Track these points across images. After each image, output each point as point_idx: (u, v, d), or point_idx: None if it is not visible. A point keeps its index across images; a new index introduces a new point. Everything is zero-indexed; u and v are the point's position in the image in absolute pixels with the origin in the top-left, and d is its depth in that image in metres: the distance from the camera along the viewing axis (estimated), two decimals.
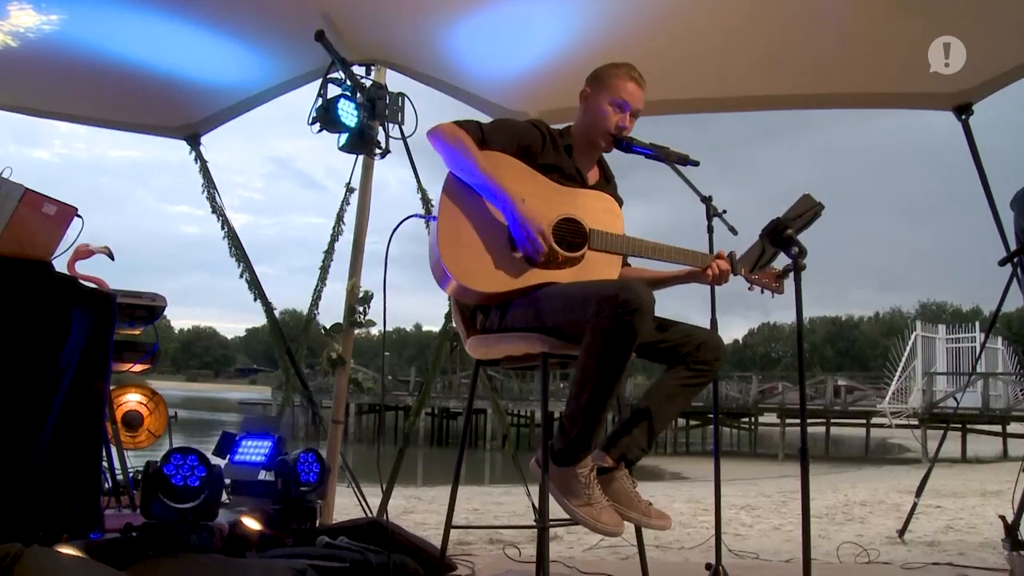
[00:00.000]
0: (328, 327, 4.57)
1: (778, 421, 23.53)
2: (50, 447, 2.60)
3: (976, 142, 4.02)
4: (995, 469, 14.13)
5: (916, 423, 19.38)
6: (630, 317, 2.08)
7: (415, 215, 2.57)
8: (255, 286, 4.82)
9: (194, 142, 4.68)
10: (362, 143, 4.49)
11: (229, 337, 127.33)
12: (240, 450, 4.11)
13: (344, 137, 4.39)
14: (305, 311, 5.08)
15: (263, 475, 4.01)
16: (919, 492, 5.03)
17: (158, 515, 2.61)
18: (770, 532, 5.63)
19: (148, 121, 4.60)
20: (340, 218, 5.36)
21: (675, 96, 4.02)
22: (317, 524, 3.72)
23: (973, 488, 9.52)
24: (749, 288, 2.50)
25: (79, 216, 3.79)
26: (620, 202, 2.71)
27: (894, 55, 3.72)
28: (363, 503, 5.09)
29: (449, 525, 2.78)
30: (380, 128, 4.62)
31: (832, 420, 22.66)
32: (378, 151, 4.63)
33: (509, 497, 8.69)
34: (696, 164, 2.49)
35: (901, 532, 4.99)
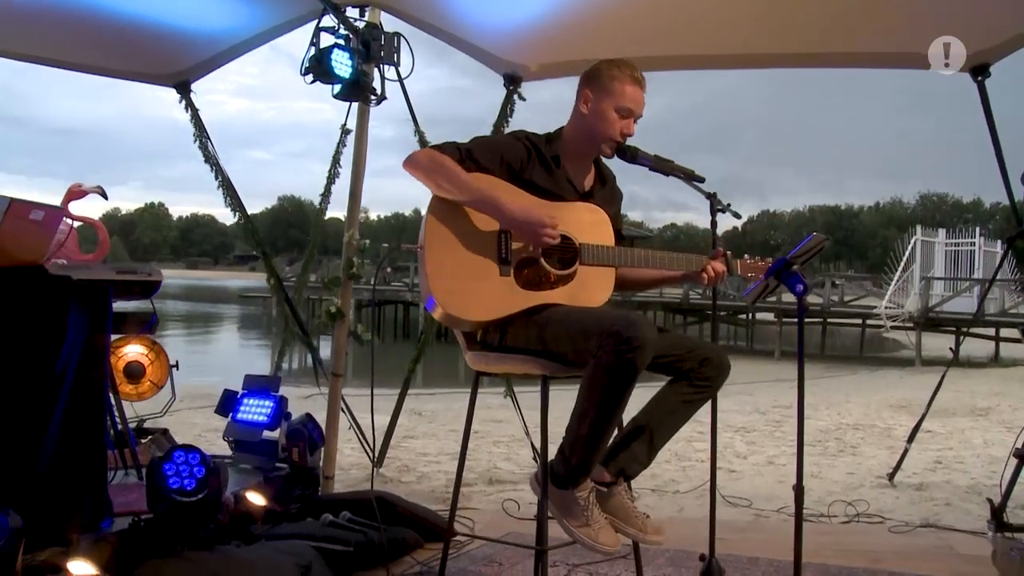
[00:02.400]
0: (326, 280, 4.55)
1: (775, 320, 23.77)
2: (57, 443, 2.63)
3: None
4: (986, 376, 14.38)
5: (911, 326, 19.61)
6: (632, 355, 2.06)
7: (406, 246, 2.49)
8: (254, 239, 4.77)
9: (184, 90, 4.54)
10: (357, 91, 4.36)
11: (228, 224, 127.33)
12: (242, 409, 4.16)
13: (338, 87, 4.27)
14: (302, 196, 5.06)
15: (266, 434, 4.08)
16: (911, 438, 5.11)
17: (162, 511, 2.65)
18: (764, 468, 5.74)
19: (136, 68, 4.46)
20: (336, 160, 5.26)
21: (684, 52, 3.89)
22: (319, 491, 3.80)
23: (964, 403, 9.67)
24: (744, 283, 2.49)
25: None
26: (620, 197, 2.65)
27: (909, 14, 3.57)
28: (366, 446, 5.19)
29: (453, 516, 2.81)
30: (375, 70, 4.49)
31: (828, 320, 22.89)
32: (373, 98, 4.51)
33: (506, 413, 8.83)
34: (702, 180, 2.42)
35: (891, 475, 5.09)
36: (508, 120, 4.47)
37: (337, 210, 4.96)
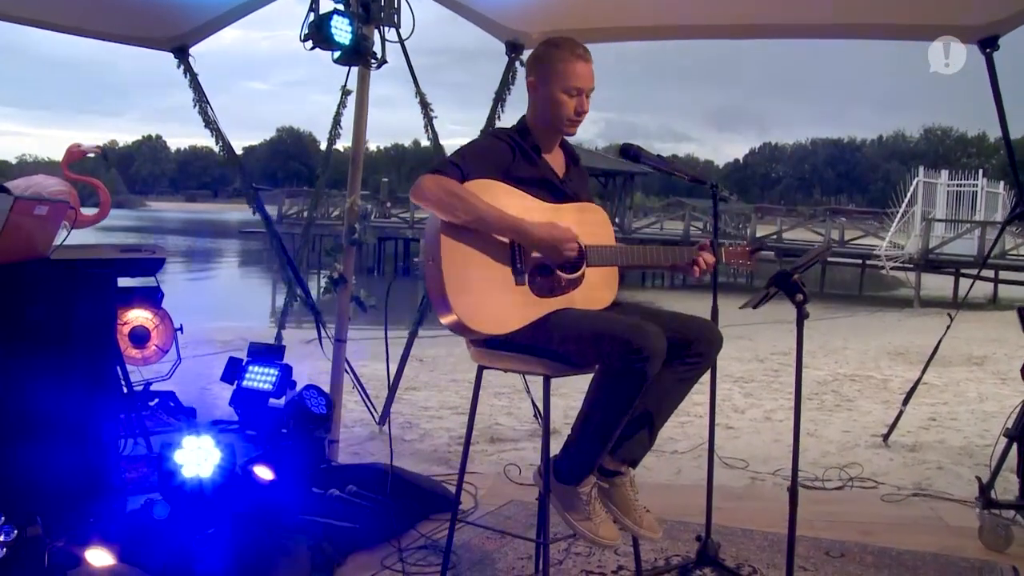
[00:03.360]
0: (328, 247, 4.57)
1: (775, 259, 23.79)
2: (73, 425, 2.70)
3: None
4: (983, 320, 14.45)
5: (911, 267, 19.67)
6: (642, 364, 2.11)
7: (415, 259, 2.51)
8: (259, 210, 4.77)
9: (182, 54, 4.49)
10: (357, 56, 4.33)
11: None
12: (248, 376, 4.23)
13: (338, 52, 4.23)
14: (301, 128, 5.06)
15: (271, 402, 4.15)
16: (906, 400, 5.19)
17: (174, 501, 2.72)
18: (761, 425, 5.83)
19: (134, 33, 4.41)
20: (337, 122, 5.24)
21: (685, 22, 3.84)
22: (326, 456, 3.88)
23: (960, 351, 9.77)
24: (726, 264, 2.52)
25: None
26: (584, 171, 2.67)
27: None
28: (370, 406, 5.28)
29: (458, 499, 2.88)
30: (375, 32, 4.44)
31: (829, 260, 22.93)
32: (374, 62, 4.47)
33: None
34: (704, 183, 2.43)
35: (886, 436, 5.19)
36: (510, 88, 4.44)
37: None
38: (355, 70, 4.53)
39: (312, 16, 4.12)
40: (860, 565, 3.02)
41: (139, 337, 4.52)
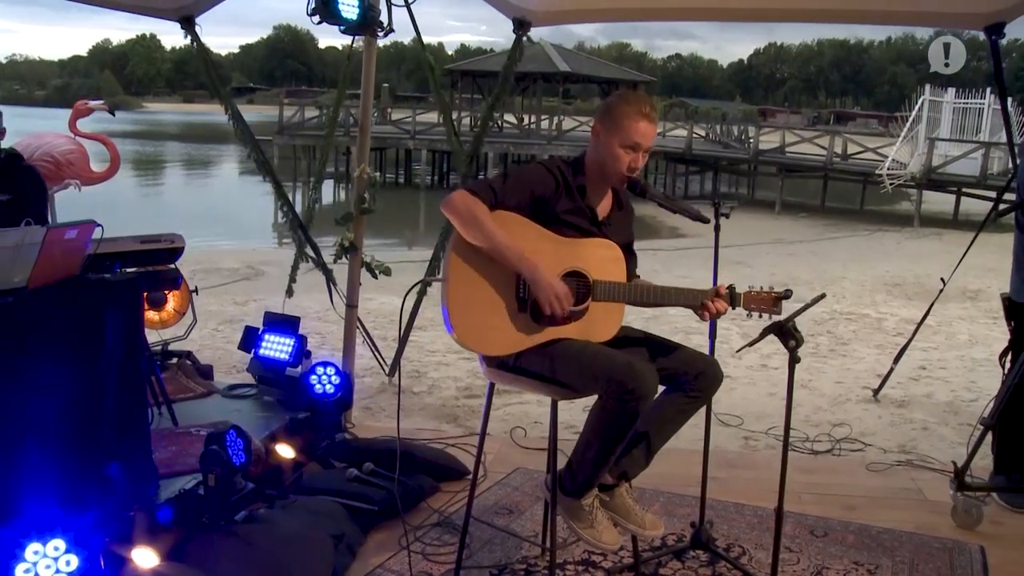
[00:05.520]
0: (339, 217, 4.68)
1: (776, 173, 23.77)
2: (112, 429, 2.88)
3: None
4: (982, 243, 14.51)
5: (913, 185, 19.66)
6: (634, 403, 2.29)
7: (430, 278, 2.63)
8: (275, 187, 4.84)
9: (189, 24, 4.51)
10: (364, 27, 4.35)
11: (223, 54, 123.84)
12: (264, 345, 4.40)
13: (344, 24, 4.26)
14: (299, 25, 5.01)
15: (288, 371, 4.34)
16: (897, 359, 5.39)
17: (213, 493, 2.91)
18: (756, 374, 6.04)
19: (141, 3, 4.42)
20: (344, 87, 5.28)
21: (702, 5, 3.86)
22: (344, 434, 4.08)
23: (956, 282, 9.89)
24: (748, 316, 2.62)
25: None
26: (633, 216, 2.77)
27: None
28: (380, 359, 5.48)
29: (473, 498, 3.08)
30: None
31: (830, 176, 22.86)
32: (380, 31, 4.49)
33: None
34: (706, 222, 2.55)
35: (876, 392, 5.41)
36: (518, 61, 4.47)
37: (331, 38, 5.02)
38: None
39: None
40: (842, 545, 3.26)
41: (156, 301, 4.68)
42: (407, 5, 4.60)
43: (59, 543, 2.29)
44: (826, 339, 7.23)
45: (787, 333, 2.30)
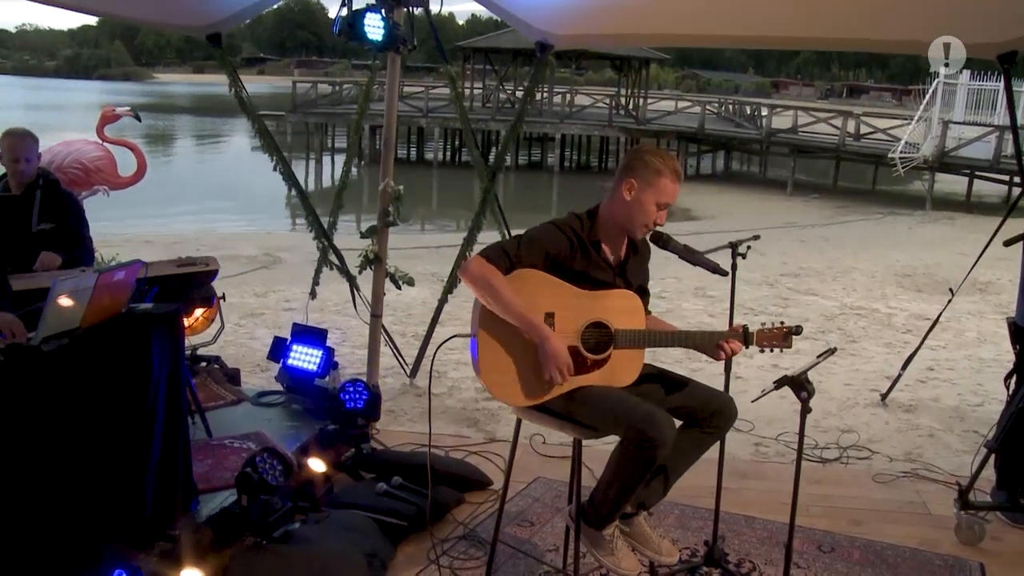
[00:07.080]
0: (364, 230, 4.82)
1: (789, 153, 23.75)
2: (161, 452, 3.05)
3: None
4: (993, 227, 14.56)
5: (926, 168, 19.64)
6: (653, 451, 2.46)
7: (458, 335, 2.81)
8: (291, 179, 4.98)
9: (216, 40, 4.65)
10: (390, 46, 4.46)
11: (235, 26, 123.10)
12: (292, 355, 4.58)
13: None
14: None
15: (317, 382, 4.51)
16: (905, 365, 5.52)
17: (252, 512, 3.09)
18: (768, 374, 6.15)
19: (173, 21, 4.59)
20: (367, 98, 5.39)
21: (726, 32, 3.96)
22: (371, 445, 4.24)
23: (966, 271, 10.01)
24: (761, 351, 2.77)
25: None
26: (649, 255, 2.90)
27: (943, 4, 3.64)
28: (401, 362, 5.64)
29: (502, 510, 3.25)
30: (404, 12, 4.56)
31: (842, 157, 22.81)
32: (405, 47, 4.60)
33: None
34: (725, 274, 2.68)
35: (884, 396, 5.55)
36: (540, 86, 4.57)
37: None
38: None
39: (345, 11, 4.24)
40: (847, 562, 3.42)
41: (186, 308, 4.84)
42: (429, 19, 4.72)
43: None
44: (836, 336, 7.33)
45: (799, 386, 2.45)
